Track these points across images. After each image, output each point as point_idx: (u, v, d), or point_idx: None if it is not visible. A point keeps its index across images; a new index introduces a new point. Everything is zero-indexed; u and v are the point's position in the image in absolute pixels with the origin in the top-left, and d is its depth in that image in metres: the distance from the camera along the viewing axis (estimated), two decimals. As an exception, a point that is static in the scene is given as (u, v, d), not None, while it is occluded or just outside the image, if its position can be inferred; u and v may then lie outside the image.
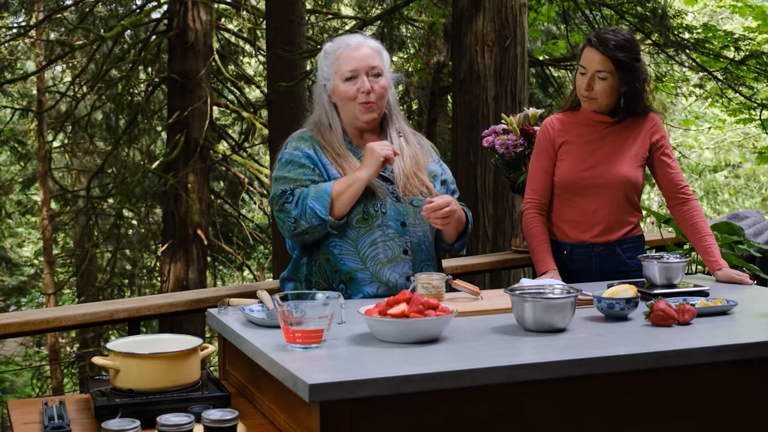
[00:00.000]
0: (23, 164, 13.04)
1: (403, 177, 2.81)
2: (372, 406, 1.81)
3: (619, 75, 3.03)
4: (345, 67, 2.77)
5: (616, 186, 3.08)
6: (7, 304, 13.46)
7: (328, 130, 2.82)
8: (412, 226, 2.77)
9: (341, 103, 2.81)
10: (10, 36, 11.14)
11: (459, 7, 5.57)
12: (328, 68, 2.82)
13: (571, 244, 3.16)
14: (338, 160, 2.76)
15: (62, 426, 1.96)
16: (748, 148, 17.23)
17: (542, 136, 3.23)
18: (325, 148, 2.79)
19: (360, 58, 2.77)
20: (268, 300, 2.41)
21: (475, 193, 5.46)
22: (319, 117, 2.85)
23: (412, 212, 2.77)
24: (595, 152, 3.12)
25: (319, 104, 2.86)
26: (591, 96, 3.06)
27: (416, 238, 2.77)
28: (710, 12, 15.38)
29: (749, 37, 8.58)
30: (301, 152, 2.77)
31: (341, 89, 2.78)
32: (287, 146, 2.83)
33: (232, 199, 12.37)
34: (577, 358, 1.95)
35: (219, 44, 11.27)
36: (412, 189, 2.81)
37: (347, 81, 2.77)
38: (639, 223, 3.21)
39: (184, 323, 9.34)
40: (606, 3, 7.58)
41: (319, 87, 2.86)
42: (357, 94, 2.76)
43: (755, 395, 2.16)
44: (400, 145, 2.85)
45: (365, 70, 2.77)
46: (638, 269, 3.09)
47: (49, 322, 2.72)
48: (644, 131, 3.14)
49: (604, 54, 3.00)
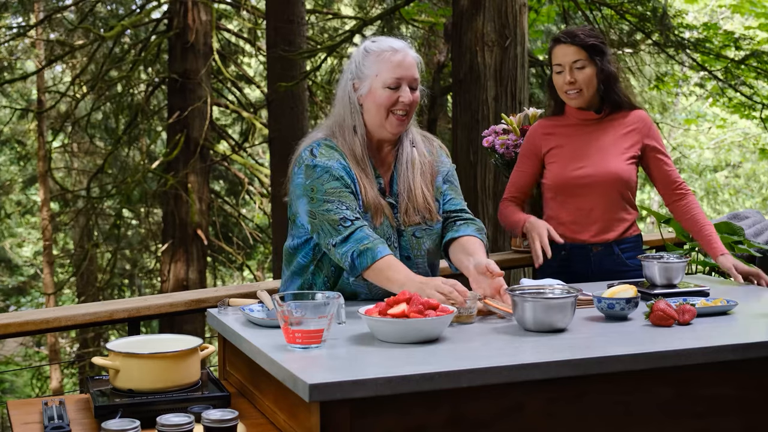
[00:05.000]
0: (23, 164, 13.04)
1: (406, 200, 2.64)
2: (372, 406, 1.81)
3: (594, 61, 3.07)
4: (390, 73, 2.57)
5: (608, 183, 3.08)
6: (7, 304, 13.47)
7: (352, 132, 2.61)
8: (416, 257, 2.66)
9: (373, 108, 2.60)
10: (10, 36, 11.14)
11: (459, 7, 5.57)
12: (366, 68, 2.60)
13: (570, 245, 3.16)
14: (356, 170, 2.58)
15: (62, 426, 1.96)
16: (748, 148, 17.22)
17: (527, 142, 3.27)
18: (350, 158, 2.59)
19: (406, 66, 2.59)
20: (268, 300, 2.41)
21: (475, 193, 5.46)
22: (342, 118, 2.64)
23: (416, 244, 2.66)
24: (584, 151, 3.13)
25: (344, 103, 2.64)
26: (575, 88, 3.08)
27: (418, 268, 2.65)
28: (710, 12, 15.38)
29: (749, 37, 8.59)
30: (336, 163, 2.55)
31: (379, 94, 2.58)
32: (312, 150, 2.59)
33: (232, 199, 12.37)
34: (577, 358, 1.95)
35: (219, 44, 11.27)
36: (413, 217, 2.64)
37: (388, 88, 2.58)
38: (636, 221, 3.21)
39: (184, 323, 9.34)
40: (606, 3, 7.58)
41: (346, 85, 2.64)
42: (396, 103, 2.59)
43: (755, 395, 2.16)
44: (410, 156, 2.69)
45: (408, 81, 2.60)
46: (637, 269, 3.09)
47: (49, 322, 2.72)
48: (635, 130, 3.15)
49: (575, 44, 3.07)
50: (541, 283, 2.42)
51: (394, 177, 2.68)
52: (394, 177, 2.68)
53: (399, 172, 2.67)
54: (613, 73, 3.12)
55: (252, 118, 11.16)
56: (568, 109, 3.18)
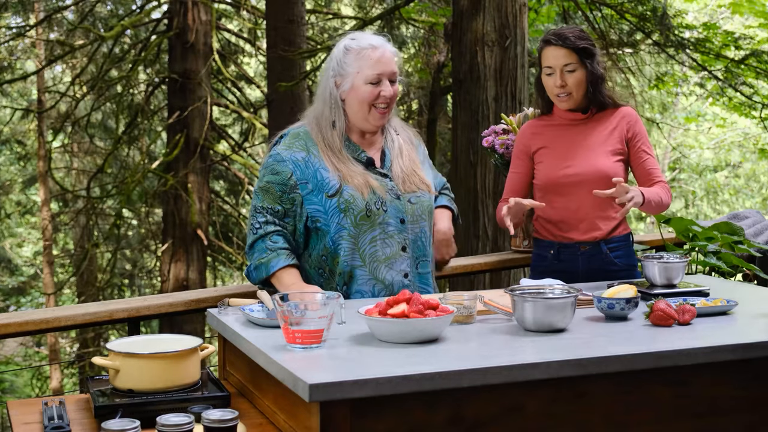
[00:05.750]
0: (23, 164, 13.04)
1: (402, 174, 2.82)
2: (372, 406, 1.81)
3: (585, 64, 3.07)
4: (370, 69, 2.72)
5: (594, 181, 3.08)
6: (7, 304, 13.46)
7: (330, 127, 2.77)
8: (411, 223, 2.78)
9: (356, 104, 2.76)
10: (10, 36, 11.14)
11: (459, 7, 5.57)
12: (348, 66, 2.74)
13: (558, 243, 3.17)
14: (336, 162, 2.74)
15: (62, 426, 1.96)
16: (748, 148, 17.22)
17: (517, 142, 3.30)
18: (322, 148, 2.76)
19: (385, 62, 2.73)
20: (268, 300, 2.41)
21: (475, 193, 5.46)
22: (321, 112, 2.79)
23: (410, 209, 2.79)
24: (571, 151, 3.13)
25: (324, 99, 2.79)
26: (566, 91, 3.08)
27: (414, 234, 2.79)
28: (710, 12, 15.38)
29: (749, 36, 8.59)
30: (290, 155, 2.74)
31: (362, 90, 2.73)
32: (279, 140, 2.81)
33: (232, 199, 12.37)
34: (577, 358, 1.95)
35: (219, 44, 11.27)
36: (411, 186, 2.82)
37: (369, 84, 2.72)
38: (625, 220, 3.21)
39: (184, 323, 9.34)
40: (606, 3, 7.58)
41: (327, 81, 2.78)
42: (377, 98, 2.74)
43: (755, 395, 2.16)
44: (398, 143, 2.87)
45: (388, 75, 2.74)
46: (626, 269, 3.11)
47: (49, 322, 2.72)
48: (619, 126, 3.15)
49: (566, 47, 3.06)
50: (541, 283, 2.42)
51: (386, 153, 2.85)
52: (386, 153, 2.85)
53: (391, 152, 2.86)
54: (601, 75, 3.12)
55: (252, 118, 11.16)
56: (556, 109, 3.20)
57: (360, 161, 2.78)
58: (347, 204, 2.69)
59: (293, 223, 2.75)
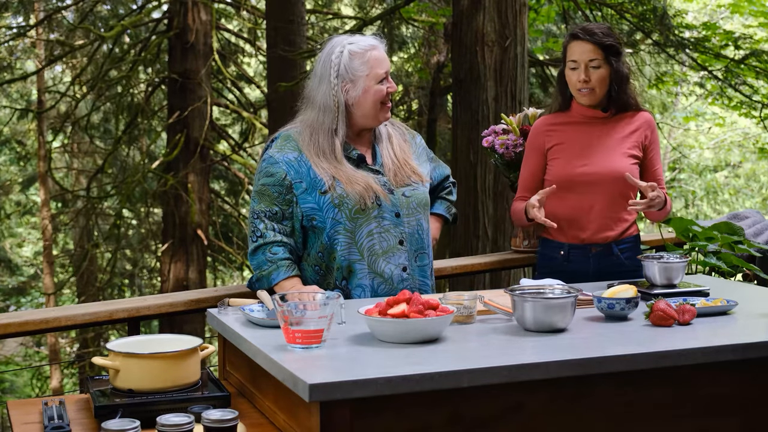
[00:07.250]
0: (23, 164, 13.04)
1: (393, 167, 2.85)
2: (372, 406, 1.81)
3: (610, 62, 3.06)
4: (379, 68, 2.78)
5: (610, 181, 3.08)
6: (7, 304, 13.46)
7: (330, 135, 2.77)
8: (406, 216, 2.80)
9: (369, 104, 2.78)
10: (10, 36, 11.14)
11: (459, 6, 5.57)
12: (356, 70, 2.76)
13: (568, 245, 3.16)
14: (327, 168, 2.74)
15: (62, 426, 1.96)
16: (748, 148, 17.22)
17: (530, 139, 3.28)
18: (312, 155, 2.76)
19: (384, 59, 2.82)
20: (268, 300, 2.41)
21: (475, 193, 5.46)
22: (319, 120, 2.78)
23: (405, 203, 2.81)
24: (588, 148, 3.12)
25: (324, 107, 2.78)
26: (589, 87, 3.07)
27: (410, 228, 2.81)
28: (710, 11, 15.38)
29: (749, 36, 8.59)
30: (282, 156, 2.75)
31: (375, 90, 2.77)
32: (271, 146, 2.82)
33: (232, 199, 12.37)
34: (577, 358, 1.95)
35: (219, 44, 11.27)
36: (403, 178, 2.85)
37: (379, 83, 2.78)
38: (635, 221, 3.21)
39: (184, 323, 9.33)
40: (606, 3, 7.58)
41: (329, 90, 2.77)
42: (387, 94, 2.81)
43: (755, 395, 2.16)
44: (388, 134, 2.91)
45: (388, 72, 2.83)
46: (636, 270, 3.09)
47: (49, 322, 2.72)
48: (639, 130, 3.15)
49: (593, 43, 3.05)
50: (541, 283, 2.42)
51: (377, 149, 2.88)
52: (376, 149, 2.88)
53: (381, 146, 2.89)
54: (626, 75, 3.12)
55: (252, 118, 11.16)
56: (575, 105, 3.18)
57: (351, 158, 2.81)
58: (341, 199, 2.71)
59: (291, 225, 2.75)
